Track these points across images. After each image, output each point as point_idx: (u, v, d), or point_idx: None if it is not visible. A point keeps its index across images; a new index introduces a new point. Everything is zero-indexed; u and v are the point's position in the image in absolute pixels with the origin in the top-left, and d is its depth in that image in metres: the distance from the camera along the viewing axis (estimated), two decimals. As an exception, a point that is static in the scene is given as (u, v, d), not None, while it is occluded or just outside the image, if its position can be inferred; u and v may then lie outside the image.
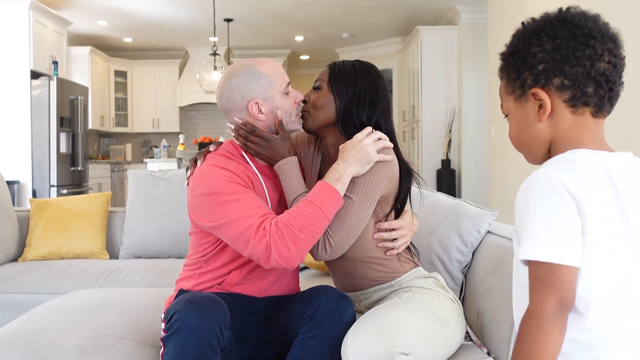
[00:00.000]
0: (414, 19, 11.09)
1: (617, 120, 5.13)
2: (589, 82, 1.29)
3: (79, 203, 4.48)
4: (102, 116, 12.70)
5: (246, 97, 2.25)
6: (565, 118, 1.33)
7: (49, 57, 9.41)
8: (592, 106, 1.32)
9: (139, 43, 13.15)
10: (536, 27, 1.33)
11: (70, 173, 9.34)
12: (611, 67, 1.29)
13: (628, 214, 1.24)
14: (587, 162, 1.27)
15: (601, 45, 1.28)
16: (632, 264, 1.23)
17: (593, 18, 1.31)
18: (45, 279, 3.85)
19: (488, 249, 2.49)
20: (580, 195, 1.20)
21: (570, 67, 1.28)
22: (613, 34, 1.32)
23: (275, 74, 2.27)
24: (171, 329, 1.93)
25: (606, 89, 1.31)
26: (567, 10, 1.33)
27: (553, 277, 1.19)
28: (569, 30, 1.29)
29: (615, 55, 1.30)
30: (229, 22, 11.20)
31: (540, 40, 1.32)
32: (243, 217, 2.03)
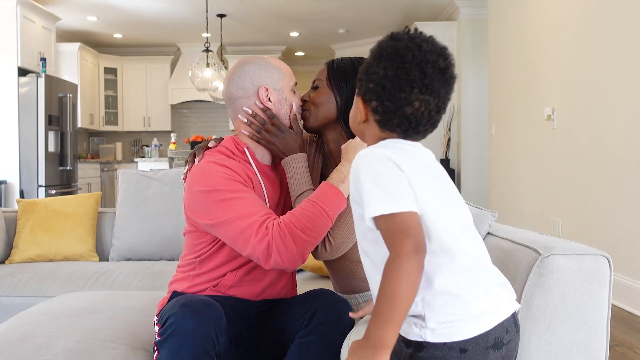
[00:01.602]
0: (412, 15, 11.10)
1: (621, 122, 5.15)
2: (395, 118, 1.50)
3: (67, 204, 4.47)
4: (92, 114, 12.69)
5: (257, 83, 2.30)
6: (376, 130, 1.57)
7: (37, 53, 9.39)
8: (397, 134, 1.54)
9: (130, 39, 13.14)
10: (384, 51, 1.51)
11: (59, 173, 9.33)
12: (420, 113, 1.49)
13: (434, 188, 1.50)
14: (404, 145, 1.53)
15: (417, 95, 1.47)
16: (446, 218, 1.47)
17: (432, 63, 1.48)
18: (33, 282, 3.85)
19: (489, 251, 2.48)
20: (400, 163, 1.44)
21: (384, 101, 1.49)
22: (445, 79, 1.50)
23: (286, 70, 2.37)
24: (166, 333, 1.92)
25: (410, 127, 1.51)
26: (406, 46, 1.49)
27: (402, 224, 1.38)
28: (398, 70, 1.47)
29: (432, 103, 1.49)
30: (222, 18, 11.20)
31: (379, 65, 1.51)
32: (244, 216, 2.05)
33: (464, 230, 1.50)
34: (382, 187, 1.41)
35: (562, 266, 2.03)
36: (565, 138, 6.24)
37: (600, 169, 5.49)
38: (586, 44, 5.77)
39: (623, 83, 5.10)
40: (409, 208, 1.39)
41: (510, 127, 7.86)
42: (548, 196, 6.70)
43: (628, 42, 5.03)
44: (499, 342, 1.46)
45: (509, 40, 7.90)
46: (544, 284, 2.03)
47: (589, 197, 5.74)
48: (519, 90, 7.52)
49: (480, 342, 1.43)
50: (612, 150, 5.27)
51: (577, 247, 2.11)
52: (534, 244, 2.16)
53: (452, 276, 1.44)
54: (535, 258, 2.07)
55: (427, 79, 1.47)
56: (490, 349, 1.44)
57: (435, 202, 1.46)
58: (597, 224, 5.58)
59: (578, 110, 5.95)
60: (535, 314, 2.04)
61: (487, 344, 1.44)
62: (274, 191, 2.33)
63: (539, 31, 6.89)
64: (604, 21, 5.44)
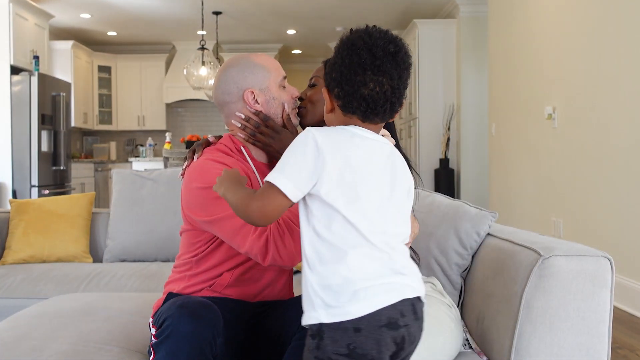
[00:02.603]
0: (411, 12, 11.11)
1: (623, 121, 5.15)
2: (353, 101, 1.65)
3: (61, 204, 4.47)
4: (85, 113, 12.68)
5: (242, 87, 2.29)
6: (340, 116, 1.71)
7: (30, 51, 9.39)
8: (358, 116, 1.68)
9: (124, 37, 13.14)
10: (343, 44, 1.69)
11: (52, 173, 9.33)
12: (376, 93, 1.63)
13: (358, 175, 1.62)
14: (347, 130, 1.67)
15: (371, 76, 1.62)
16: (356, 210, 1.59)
17: (382, 47, 1.64)
18: (26, 284, 3.85)
19: (488, 252, 2.49)
20: (324, 149, 1.58)
21: (343, 86, 1.65)
22: (396, 62, 1.65)
23: (271, 65, 2.33)
24: (162, 335, 1.92)
25: (369, 108, 1.65)
26: (359, 36, 1.67)
27: (269, 193, 1.60)
28: (352, 56, 1.64)
29: (385, 84, 1.64)
30: (218, 15, 11.20)
31: (337, 57, 1.68)
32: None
33: (373, 222, 1.60)
34: (284, 160, 1.61)
35: (563, 267, 2.04)
36: (566, 137, 6.24)
37: (602, 168, 5.49)
38: (588, 42, 5.78)
39: (625, 81, 5.11)
40: (286, 192, 1.58)
41: (511, 126, 7.86)
42: (549, 196, 6.70)
43: (630, 40, 5.04)
44: (393, 323, 1.55)
45: (509, 39, 7.90)
46: (545, 285, 2.04)
47: (590, 197, 5.74)
48: (520, 89, 7.53)
49: (372, 321, 1.53)
50: (614, 150, 5.28)
51: (578, 248, 2.11)
52: (534, 245, 2.16)
53: (348, 262, 1.56)
54: (535, 259, 2.07)
55: (377, 61, 1.63)
56: (384, 327, 1.54)
57: (345, 193, 1.59)
58: (599, 225, 5.58)
59: (579, 110, 5.95)
60: (536, 315, 2.04)
61: (379, 323, 1.54)
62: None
63: (540, 29, 6.90)
64: (605, 19, 5.45)
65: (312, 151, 1.59)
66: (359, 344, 1.52)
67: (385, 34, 1.67)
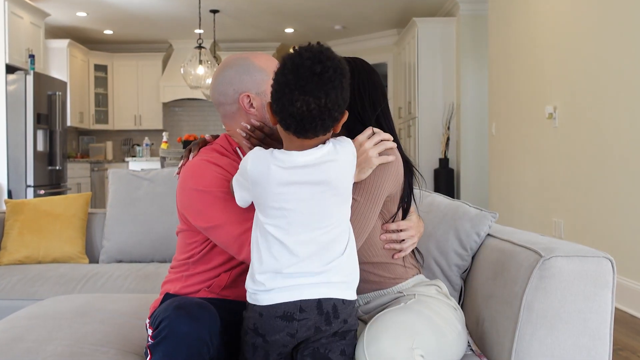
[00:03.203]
0: (410, 10, 11.11)
1: (624, 120, 5.16)
2: (286, 117, 1.82)
3: (57, 204, 4.46)
4: (82, 113, 12.68)
5: (238, 90, 2.28)
6: (282, 131, 1.89)
7: (25, 50, 9.38)
8: (291, 132, 1.85)
9: (120, 35, 13.13)
10: (280, 65, 1.85)
11: (48, 173, 9.32)
12: (302, 111, 1.78)
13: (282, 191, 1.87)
14: (284, 157, 1.87)
15: (297, 95, 1.77)
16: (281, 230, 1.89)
17: (308, 68, 1.79)
18: (21, 285, 3.84)
19: (488, 252, 2.49)
20: (250, 172, 1.89)
21: (277, 103, 1.83)
22: (321, 82, 1.80)
23: (270, 68, 2.22)
24: (159, 336, 1.93)
25: (299, 125, 1.81)
26: (290, 56, 1.84)
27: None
28: (284, 76, 1.80)
29: (312, 103, 1.78)
30: (215, 14, 11.20)
31: (277, 76, 1.84)
32: (239, 221, 2.08)
33: (296, 231, 1.88)
34: (237, 175, 1.98)
35: (564, 268, 2.03)
36: (567, 137, 6.25)
37: (604, 168, 5.49)
38: (589, 40, 5.78)
39: (627, 80, 5.11)
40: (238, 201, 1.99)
41: (511, 125, 7.87)
42: (550, 196, 6.70)
43: (632, 38, 5.04)
44: (288, 315, 1.85)
45: (509, 37, 7.91)
46: (546, 286, 2.04)
47: (591, 198, 5.75)
48: (520, 88, 7.53)
49: (271, 311, 1.86)
50: (616, 149, 5.28)
51: (579, 248, 2.11)
52: (535, 246, 2.16)
53: (270, 262, 1.88)
54: (536, 260, 2.07)
55: (301, 81, 1.78)
56: (279, 318, 1.86)
57: (271, 206, 1.88)
58: (600, 225, 5.58)
59: (580, 109, 5.96)
60: (537, 317, 2.04)
61: (275, 314, 1.86)
62: None
63: (541, 27, 6.90)
64: (607, 17, 5.45)
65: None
66: (260, 325, 1.89)
67: (316, 54, 1.82)
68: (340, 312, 1.89)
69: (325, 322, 1.87)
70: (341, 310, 1.89)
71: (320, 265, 1.88)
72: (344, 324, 1.91)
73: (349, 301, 1.93)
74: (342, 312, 1.89)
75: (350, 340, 1.94)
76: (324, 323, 1.87)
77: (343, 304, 1.89)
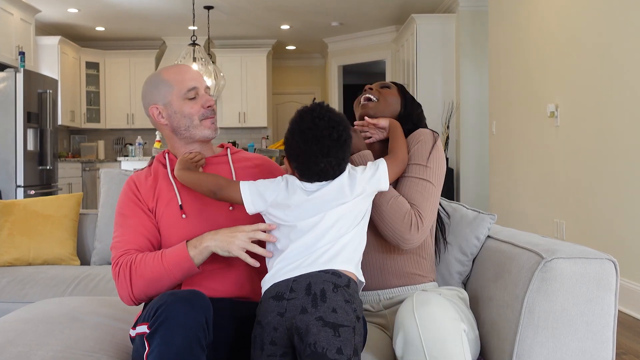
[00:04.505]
0: (409, 7, 11.11)
1: (627, 119, 5.16)
2: (308, 173, 2.15)
3: (47, 205, 4.46)
4: (73, 111, 12.66)
5: (148, 102, 2.51)
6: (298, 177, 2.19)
7: (16, 47, 9.37)
8: (311, 181, 2.16)
9: (113, 32, 13.12)
10: (295, 129, 2.16)
11: (38, 172, 9.31)
12: (326, 169, 2.12)
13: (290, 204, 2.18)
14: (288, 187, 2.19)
15: (321, 159, 2.10)
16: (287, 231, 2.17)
17: (327, 136, 2.11)
18: (11, 287, 3.84)
19: (489, 255, 2.49)
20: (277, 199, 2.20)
21: (300, 164, 2.15)
22: (339, 145, 2.14)
23: (175, 79, 2.47)
24: (156, 323, 1.94)
25: (321, 177, 2.15)
26: (310, 127, 2.12)
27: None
28: (305, 143, 2.12)
29: (333, 162, 2.14)
30: (210, 10, 11.19)
31: (293, 138, 2.16)
32: (114, 246, 2.40)
33: (288, 232, 2.16)
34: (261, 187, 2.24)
35: (566, 270, 2.04)
36: (569, 136, 6.25)
37: (606, 168, 5.50)
38: (591, 37, 5.78)
39: (630, 78, 5.11)
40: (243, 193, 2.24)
41: (512, 124, 7.87)
42: (551, 197, 6.71)
43: (637, 34, 5.04)
44: (279, 295, 2.04)
45: (510, 34, 7.91)
46: (547, 289, 2.04)
47: (594, 198, 5.75)
48: (521, 86, 7.53)
49: (268, 293, 2.09)
50: (618, 149, 5.28)
51: (581, 250, 2.11)
52: (536, 247, 2.16)
53: (269, 262, 2.19)
54: (537, 262, 2.08)
55: (325, 149, 2.10)
56: (271, 299, 2.05)
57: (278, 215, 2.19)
58: (603, 226, 5.59)
59: (582, 107, 5.96)
60: (538, 320, 2.04)
61: (269, 295, 2.07)
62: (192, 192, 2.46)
63: (542, 23, 6.91)
64: (610, 13, 5.46)
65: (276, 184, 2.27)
66: (259, 312, 2.09)
67: (328, 120, 2.14)
68: (328, 297, 1.99)
69: (312, 303, 1.98)
70: (330, 297, 1.99)
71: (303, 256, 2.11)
72: (332, 313, 1.96)
73: (341, 290, 2.02)
74: (330, 298, 1.99)
75: (346, 338, 1.94)
76: (310, 304, 1.98)
77: (333, 291, 2.00)
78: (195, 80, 2.48)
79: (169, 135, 2.54)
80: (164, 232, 2.42)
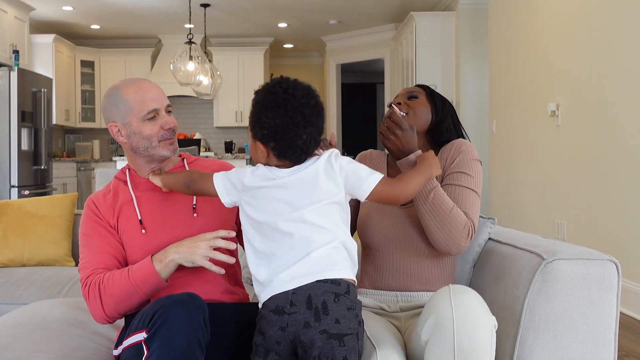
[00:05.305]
0: (408, 4, 11.10)
1: (630, 118, 5.16)
2: (289, 150, 2.05)
3: (42, 205, 4.45)
4: (68, 110, 12.65)
5: (108, 119, 2.51)
6: (274, 160, 2.09)
7: (9, 45, 9.37)
8: (290, 160, 2.08)
9: (108, 30, 13.11)
10: (267, 104, 2.05)
11: (33, 172, 9.31)
12: (308, 142, 2.05)
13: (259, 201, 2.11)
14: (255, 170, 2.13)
15: (303, 130, 2.03)
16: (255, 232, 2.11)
17: (306, 104, 2.05)
18: (5, 288, 3.84)
19: (489, 257, 2.49)
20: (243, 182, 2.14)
21: (280, 141, 2.04)
22: (318, 112, 2.09)
23: (136, 100, 2.45)
24: (155, 327, 1.95)
25: (302, 153, 2.07)
26: (286, 99, 2.03)
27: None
28: (284, 116, 2.02)
29: (314, 133, 2.07)
30: (206, 8, 11.18)
31: (267, 116, 2.04)
32: (82, 267, 2.43)
33: (271, 234, 2.08)
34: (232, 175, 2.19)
35: (567, 272, 2.04)
36: (570, 135, 6.25)
37: (608, 168, 5.50)
38: (593, 35, 5.78)
39: (633, 76, 5.11)
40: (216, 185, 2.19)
41: (512, 124, 7.87)
42: (552, 197, 6.71)
43: (637, 33, 5.04)
44: (279, 309, 1.98)
45: (510, 31, 7.91)
46: (548, 290, 2.04)
47: (595, 198, 5.75)
48: (522, 84, 7.53)
49: (267, 306, 2.02)
50: (621, 148, 5.28)
51: (583, 251, 2.11)
52: (537, 249, 2.16)
53: (254, 266, 2.12)
54: (538, 263, 2.08)
55: (307, 117, 2.03)
56: (272, 312, 1.99)
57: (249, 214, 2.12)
58: (605, 227, 5.59)
59: (584, 106, 5.96)
60: (539, 322, 2.04)
61: (269, 309, 2.01)
62: (156, 201, 2.51)
63: (544, 21, 6.91)
64: (612, 10, 5.45)
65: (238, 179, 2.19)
66: (260, 323, 2.04)
67: (302, 89, 2.07)
68: (330, 309, 1.95)
69: (314, 317, 1.95)
70: (332, 308, 1.96)
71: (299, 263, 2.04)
72: (336, 324, 1.94)
73: (342, 298, 1.98)
74: (332, 309, 1.96)
75: (350, 346, 1.94)
76: (313, 318, 1.95)
77: (334, 301, 1.97)
78: (156, 101, 2.47)
79: (128, 152, 2.56)
80: (127, 247, 2.46)
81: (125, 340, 2.14)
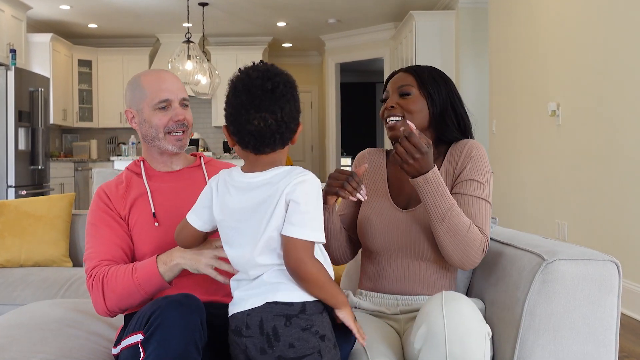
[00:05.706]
0: (408, 3, 11.10)
1: (631, 118, 5.16)
2: (244, 136, 1.96)
3: (39, 205, 4.45)
4: (65, 110, 12.64)
5: (127, 105, 2.58)
6: (240, 150, 2.03)
7: (7, 45, 9.36)
8: (251, 150, 1.98)
9: (105, 29, 13.10)
10: (228, 87, 2.02)
11: (30, 172, 9.30)
12: (261, 128, 1.93)
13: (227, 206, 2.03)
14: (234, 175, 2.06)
15: (253, 114, 1.92)
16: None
17: (260, 87, 1.94)
18: (1, 289, 3.84)
19: (489, 256, 2.48)
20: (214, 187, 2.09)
21: (233, 125, 1.98)
22: (275, 98, 1.94)
23: (150, 87, 2.49)
24: (152, 328, 1.95)
25: (257, 142, 1.96)
26: (240, 78, 1.99)
27: (182, 225, 2.19)
28: (237, 98, 1.96)
29: (269, 119, 1.93)
30: (204, 7, 11.17)
31: (229, 99, 2.00)
32: (87, 257, 2.42)
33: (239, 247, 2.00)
34: (199, 201, 2.13)
35: (568, 272, 2.04)
36: (571, 135, 6.25)
37: (609, 168, 5.50)
38: (594, 35, 5.78)
39: (634, 75, 5.11)
40: (189, 218, 2.13)
41: (513, 123, 7.87)
42: (553, 197, 6.71)
43: (638, 32, 5.04)
44: (238, 330, 1.96)
45: (511, 31, 7.91)
46: (549, 291, 2.04)
47: (596, 199, 5.75)
48: (522, 84, 7.53)
49: (229, 324, 2.00)
50: (621, 148, 5.28)
51: (583, 251, 2.11)
52: (537, 249, 2.16)
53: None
54: (539, 263, 2.08)
55: (255, 100, 1.92)
56: (232, 332, 1.98)
57: (221, 223, 2.05)
58: (606, 227, 5.59)
59: (585, 106, 5.96)
60: (539, 323, 2.04)
61: (230, 328, 2.00)
62: (170, 195, 2.53)
63: (544, 20, 6.91)
64: (613, 10, 5.46)
65: (209, 189, 2.11)
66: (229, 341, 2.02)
67: (264, 72, 1.97)
68: (281, 335, 1.89)
69: (267, 344, 1.91)
70: (282, 333, 1.89)
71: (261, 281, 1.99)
72: (291, 348, 1.89)
73: (295, 320, 1.91)
74: (284, 335, 1.89)
75: None
76: (266, 345, 1.91)
77: (285, 326, 1.89)
78: (171, 92, 2.49)
79: (142, 141, 2.59)
80: (137, 239, 2.45)
81: (123, 341, 2.14)
